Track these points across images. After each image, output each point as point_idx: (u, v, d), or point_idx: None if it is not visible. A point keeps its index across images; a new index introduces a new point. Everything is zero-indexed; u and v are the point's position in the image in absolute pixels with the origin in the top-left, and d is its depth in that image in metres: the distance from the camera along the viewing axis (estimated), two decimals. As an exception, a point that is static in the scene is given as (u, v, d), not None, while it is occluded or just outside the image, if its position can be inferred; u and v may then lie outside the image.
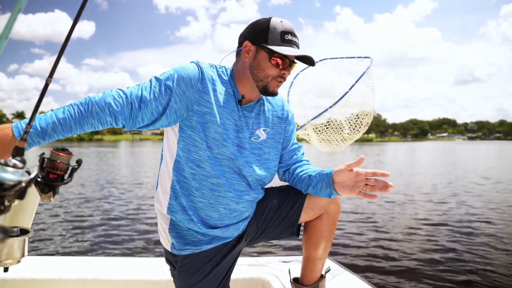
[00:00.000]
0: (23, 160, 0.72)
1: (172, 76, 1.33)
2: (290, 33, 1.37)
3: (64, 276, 1.84)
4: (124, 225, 6.12)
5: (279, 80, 1.40)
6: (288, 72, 1.40)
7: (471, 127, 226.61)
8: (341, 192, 1.41)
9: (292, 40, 1.37)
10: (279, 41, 1.35)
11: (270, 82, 1.39)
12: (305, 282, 1.62)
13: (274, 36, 1.36)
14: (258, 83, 1.40)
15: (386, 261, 4.31)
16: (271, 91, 1.41)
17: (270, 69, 1.37)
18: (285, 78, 1.41)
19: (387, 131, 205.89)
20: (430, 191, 10.14)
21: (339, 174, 1.39)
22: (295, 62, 1.41)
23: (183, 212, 1.42)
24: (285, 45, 1.36)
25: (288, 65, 1.39)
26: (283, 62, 1.37)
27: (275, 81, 1.39)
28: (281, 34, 1.36)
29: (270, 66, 1.37)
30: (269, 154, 1.51)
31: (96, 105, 1.24)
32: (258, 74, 1.39)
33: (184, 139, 1.37)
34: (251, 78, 1.41)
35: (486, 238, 5.29)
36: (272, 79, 1.39)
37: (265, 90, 1.41)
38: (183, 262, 1.46)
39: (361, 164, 1.35)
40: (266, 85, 1.40)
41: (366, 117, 2.26)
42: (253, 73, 1.40)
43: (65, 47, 0.89)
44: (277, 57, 1.36)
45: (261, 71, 1.38)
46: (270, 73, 1.38)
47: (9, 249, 1.22)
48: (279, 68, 1.37)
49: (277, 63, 1.37)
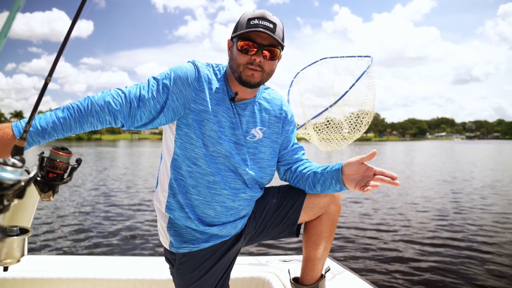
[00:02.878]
0: (22, 159, 0.72)
1: (169, 75, 1.35)
2: (257, 18, 1.33)
3: (64, 275, 1.83)
4: (124, 224, 6.11)
5: (252, 67, 1.34)
6: (259, 57, 1.33)
7: (469, 127, 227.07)
8: (347, 185, 1.41)
9: (259, 23, 1.32)
10: (244, 28, 1.33)
11: (242, 71, 1.36)
12: (305, 282, 1.62)
13: (242, 24, 1.35)
14: (234, 74, 1.39)
15: (386, 261, 4.32)
16: (245, 79, 1.36)
17: (239, 58, 1.35)
18: (259, 64, 1.34)
19: (385, 131, 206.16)
20: (430, 191, 10.16)
21: (350, 166, 1.39)
22: (274, 46, 1.34)
23: (180, 210, 1.43)
24: (249, 29, 1.31)
25: (258, 49, 1.33)
26: (250, 47, 1.33)
27: (248, 69, 1.35)
28: (248, 21, 1.33)
29: (239, 54, 1.35)
30: (264, 154, 1.51)
31: (95, 104, 1.24)
32: (232, 65, 1.39)
33: (181, 137, 1.39)
34: (231, 72, 1.40)
35: (486, 238, 5.30)
36: (244, 68, 1.35)
37: (240, 80, 1.37)
38: (181, 261, 1.46)
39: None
40: (240, 75, 1.37)
41: (366, 116, 2.25)
42: (230, 66, 1.41)
43: (64, 46, 0.89)
44: (241, 42, 1.33)
45: (233, 61, 1.38)
46: (240, 62, 1.35)
47: (9, 248, 1.22)
48: (249, 55, 1.34)
49: (244, 48, 1.33)
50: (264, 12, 1.35)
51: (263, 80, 1.40)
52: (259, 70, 1.36)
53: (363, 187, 1.36)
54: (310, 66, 2.34)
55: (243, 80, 1.37)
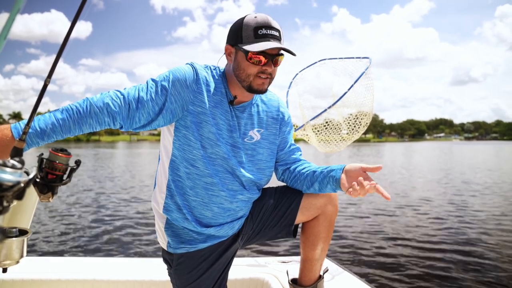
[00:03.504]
0: (21, 161, 0.72)
1: (167, 77, 1.35)
2: (264, 27, 1.32)
3: (63, 277, 1.83)
4: (123, 225, 6.10)
5: (262, 76, 1.36)
6: (270, 67, 1.35)
7: (468, 127, 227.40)
8: (342, 187, 1.40)
9: (268, 33, 1.32)
10: (253, 38, 1.32)
11: (253, 81, 1.36)
12: (303, 283, 1.63)
13: (248, 33, 1.33)
14: (242, 83, 1.39)
15: (384, 261, 4.32)
16: (256, 89, 1.38)
17: (249, 68, 1.35)
18: (269, 73, 1.37)
19: (384, 132, 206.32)
20: (429, 192, 10.17)
21: (351, 172, 1.39)
22: (281, 54, 1.36)
23: (178, 211, 1.44)
24: (260, 41, 1.31)
25: (269, 60, 1.34)
26: (262, 59, 1.34)
27: (258, 78, 1.36)
28: (254, 30, 1.32)
29: (249, 65, 1.34)
30: (262, 155, 1.52)
31: (94, 106, 1.25)
32: (240, 75, 1.38)
33: (180, 138, 1.39)
34: (236, 79, 1.40)
35: (486, 236, 5.31)
36: (254, 78, 1.36)
37: (250, 89, 1.38)
38: (179, 261, 1.47)
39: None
40: (250, 84, 1.37)
41: (365, 118, 2.26)
42: (236, 75, 1.40)
43: (63, 48, 0.89)
44: (253, 55, 1.33)
45: (242, 71, 1.37)
46: (250, 72, 1.35)
47: (8, 249, 1.22)
48: (260, 65, 1.35)
49: (256, 60, 1.33)
50: (268, 19, 1.35)
51: (269, 85, 1.43)
52: (268, 77, 1.38)
53: (350, 189, 1.35)
54: (308, 68, 2.34)
55: (255, 89, 1.38)
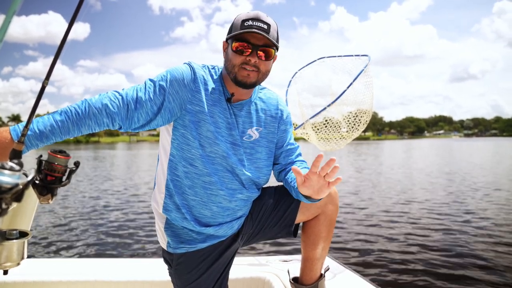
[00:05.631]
0: (20, 163, 0.72)
1: (165, 77, 1.36)
2: (251, 19, 1.33)
3: (64, 278, 1.83)
4: (124, 226, 6.11)
5: (247, 68, 1.35)
6: (253, 58, 1.34)
7: (467, 124, 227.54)
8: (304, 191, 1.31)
9: (253, 24, 1.32)
10: (239, 29, 1.34)
11: (238, 72, 1.36)
12: (304, 282, 1.63)
13: (237, 26, 1.36)
14: (230, 75, 1.39)
15: (386, 259, 4.32)
16: (240, 80, 1.36)
17: (234, 59, 1.36)
18: (254, 64, 1.35)
19: (383, 129, 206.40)
20: (430, 189, 10.17)
21: (306, 187, 1.27)
22: (268, 46, 1.34)
23: (177, 211, 1.44)
24: (244, 31, 1.32)
25: (253, 50, 1.33)
26: (245, 48, 1.34)
27: (243, 70, 1.35)
28: (242, 22, 1.34)
29: (234, 55, 1.36)
30: (261, 154, 1.51)
31: (93, 107, 1.25)
32: (227, 67, 1.39)
33: (178, 137, 1.39)
34: (227, 73, 1.41)
35: (485, 237, 5.31)
36: (239, 69, 1.36)
37: (236, 80, 1.38)
38: (179, 261, 1.47)
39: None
40: (236, 75, 1.37)
41: (364, 115, 2.26)
42: (225, 67, 1.41)
43: (61, 50, 0.89)
44: (236, 43, 1.34)
45: (229, 62, 1.39)
46: (235, 63, 1.36)
47: (8, 252, 1.22)
48: (244, 55, 1.34)
49: (238, 49, 1.34)
50: (258, 13, 1.36)
51: (259, 81, 1.41)
52: (255, 70, 1.36)
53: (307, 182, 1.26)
54: (307, 66, 2.34)
55: (239, 81, 1.37)
